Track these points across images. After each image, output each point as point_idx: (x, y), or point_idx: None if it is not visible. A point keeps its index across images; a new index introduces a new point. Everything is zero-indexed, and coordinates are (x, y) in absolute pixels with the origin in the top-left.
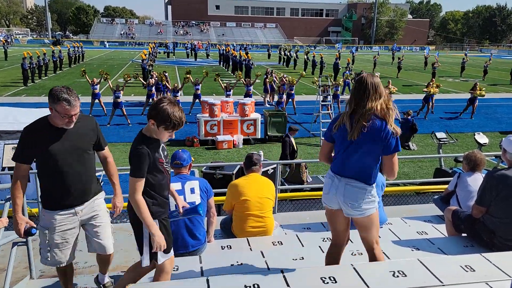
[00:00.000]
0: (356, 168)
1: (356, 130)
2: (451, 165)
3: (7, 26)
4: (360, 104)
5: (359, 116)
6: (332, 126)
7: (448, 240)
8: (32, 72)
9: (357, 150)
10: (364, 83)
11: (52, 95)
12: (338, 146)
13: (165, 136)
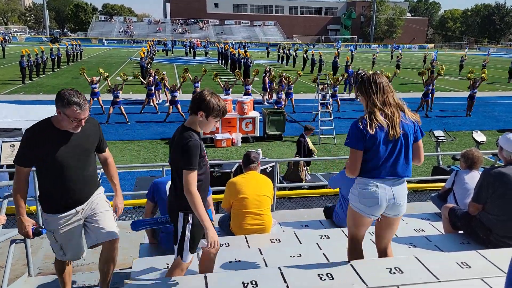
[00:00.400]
0: (405, 166)
1: (397, 126)
2: (449, 163)
3: (5, 23)
4: (380, 101)
5: (389, 113)
6: (362, 133)
7: (445, 237)
8: (30, 70)
9: (402, 147)
10: (379, 81)
11: (62, 99)
12: (376, 151)
13: (211, 126)
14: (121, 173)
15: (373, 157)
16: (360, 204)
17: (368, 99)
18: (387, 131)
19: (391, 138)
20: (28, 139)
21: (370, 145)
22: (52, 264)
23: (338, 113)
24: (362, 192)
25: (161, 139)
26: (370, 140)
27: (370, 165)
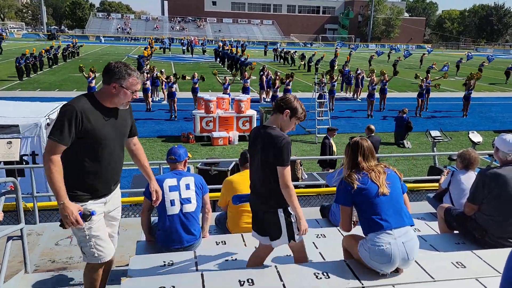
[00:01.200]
0: (407, 214)
1: (385, 186)
2: (445, 163)
3: (2, 20)
4: (365, 167)
5: (375, 174)
6: (347, 189)
7: (440, 237)
8: (26, 67)
9: (396, 197)
10: (364, 146)
11: (119, 70)
12: (373, 203)
13: (291, 126)
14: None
15: (372, 209)
16: (371, 261)
17: (351, 161)
18: (376, 187)
19: (381, 195)
20: (74, 114)
21: (361, 199)
22: (49, 261)
23: (332, 112)
24: (374, 249)
25: (158, 137)
26: (359, 194)
27: (372, 221)
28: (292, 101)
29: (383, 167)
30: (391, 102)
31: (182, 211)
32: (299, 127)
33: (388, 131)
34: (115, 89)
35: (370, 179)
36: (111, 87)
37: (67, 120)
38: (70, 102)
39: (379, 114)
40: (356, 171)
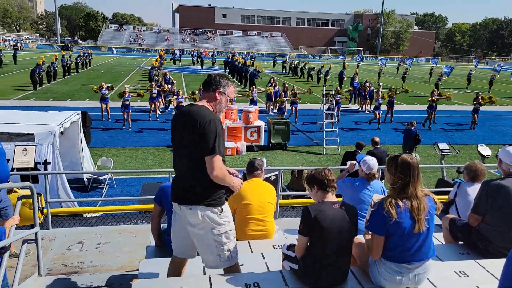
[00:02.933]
0: (430, 247)
1: (423, 221)
2: (453, 176)
3: (17, 31)
4: (409, 192)
5: (416, 206)
6: (384, 218)
7: (445, 247)
8: (40, 78)
9: (427, 232)
10: (415, 168)
11: (222, 79)
12: (402, 238)
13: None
14: (128, 179)
15: (399, 244)
16: (380, 279)
17: (399, 184)
18: (413, 222)
19: (416, 232)
20: (218, 126)
21: (394, 230)
22: (61, 265)
23: (339, 123)
24: (386, 275)
25: (167, 146)
26: (394, 226)
27: (397, 252)
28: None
29: (425, 195)
30: (399, 115)
31: None
32: (306, 138)
33: (395, 144)
34: (219, 96)
35: (409, 211)
36: (215, 94)
37: (218, 133)
38: (212, 116)
39: (386, 126)
40: (399, 197)
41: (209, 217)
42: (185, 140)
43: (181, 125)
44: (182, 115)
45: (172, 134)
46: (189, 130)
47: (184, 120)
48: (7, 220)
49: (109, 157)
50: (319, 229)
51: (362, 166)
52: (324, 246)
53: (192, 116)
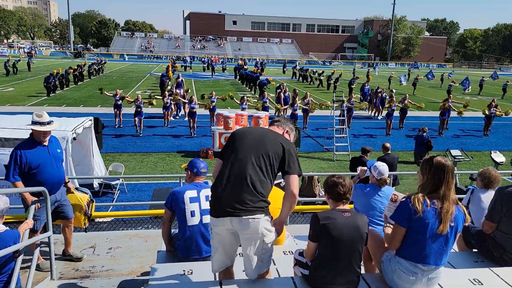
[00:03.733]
0: (446, 255)
1: (447, 222)
2: (466, 183)
3: (32, 38)
4: (441, 193)
5: (445, 208)
6: (410, 211)
7: (458, 255)
8: (54, 85)
9: (448, 238)
10: (451, 171)
11: (291, 123)
12: (423, 238)
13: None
14: (139, 184)
15: (419, 242)
16: (392, 278)
17: (432, 184)
18: (438, 222)
19: (439, 233)
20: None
21: (416, 226)
22: (73, 269)
23: (349, 129)
24: (399, 273)
25: (177, 152)
26: (417, 221)
27: (415, 250)
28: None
29: (456, 202)
30: (411, 121)
31: (202, 222)
32: (317, 144)
33: (407, 150)
34: (287, 134)
35: (436, 211)
36: (284, 132)
37: (297, 157)
38: (290, 143)
39: (397, 132)
40: (428, 196)
41: (265, 226)
42: (260, 155)
43: (258, 141)
44: (260, 133)
45: (233, 147)
46: (272, 147)
47: (264, 137)
48: (21, 224)
49: (121, 163)
50: (328, 236)
51: (373, 171)
52: (334, 253)
53: (277, 135)
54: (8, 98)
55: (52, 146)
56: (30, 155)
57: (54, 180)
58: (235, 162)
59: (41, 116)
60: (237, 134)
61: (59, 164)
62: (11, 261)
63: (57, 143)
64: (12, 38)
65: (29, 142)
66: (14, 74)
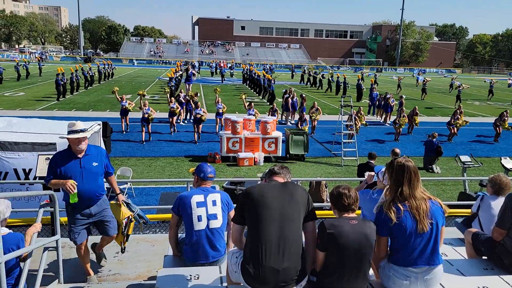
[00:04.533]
0: (436, 253)
1: (425, 220)
2: (476, 190)
3: (43, 43)
4: (406, 193)
5: (415, 206)
6: (385, 221)
7: (467, 262)
8: (64, 88)
9: (432, 235)
10: (410, 170)
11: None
12: (407, 241)
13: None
14: (147, 188)
15: (404, 246)
16: (389, 284)
17: (395, 187)
18: (415, 223)
19: (420, 232)
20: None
21: (398, 232)
22: (81, 273)
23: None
24: (394, 279)
25: (185, 157)
26: (396, 228)
27: (402, 254)
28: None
29: (427, 197)
30: (420, 126)
31: (209, 226)
32: (324, 149)
33: (416, 155)
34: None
35: (410, 212)
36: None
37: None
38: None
39: (406, 137)
40: (398, 200)
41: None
42: (290, 213)
43: (282, 199)
44: (283, 190)
45: (262, 210)
46: (300, 202)
47: (288, 193)
48: (30, 228)
49: (129, 167)
50: (335, 244)
51: (380, 177)
52: (341, 261)
53: (298, 188)
54: (18, 102)
55: (87, 159)
56: (62, 165)
57: (84, 194)
58: (268, 230)
59: (73, 124)
60: (255, 197)
61: (91, 178)
62: (17, 264)
63: (97, 156)
64: (24, 43)
65: (65, 152)
66: (25, 79)
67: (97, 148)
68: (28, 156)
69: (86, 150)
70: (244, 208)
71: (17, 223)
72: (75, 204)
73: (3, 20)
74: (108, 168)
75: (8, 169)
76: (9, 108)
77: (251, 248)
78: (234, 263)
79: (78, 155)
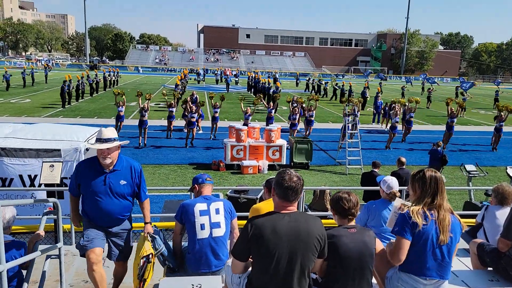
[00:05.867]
0: (448, 268)
1: (447, 232)
2: (481, 199)
3: (49, 51)
4: (437, 204)
5: (442, 217)
6: (411, 224)
7: (472, 273)
8: (69, 95)
9: (449, 249)
10: (442, 181)
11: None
12: (424, 250)
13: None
14: (150, 196)
15: (421, 254)
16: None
17: (424, 196)
18: (438, 234)
19: (441, 244)
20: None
21: (418, 238)
22: (82, 281)
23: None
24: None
25: (189, 164)
26: (418, 235)
27: (417, 263)
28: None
29: (450, 211)
30: (423, 135)
31: (212, 235)
32: (329, 157)
33: (420, 164)
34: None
35: (436, 221)
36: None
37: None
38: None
39: (409, 145)
40: (426, 208)
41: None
42: (302, 256)
43: (297, 241)
44: (295, 225)
45: (271, 249)
46: (313, 243)
47: (302, 234)
48: (33, 235)
49: None
50: (334, 254)
51: (382, 186)
52: (342, 270)
53: (312, 223)
54: (24, 109)
55: (115, 175)
56: (85, 177)
57: (104, 214)
58: (277, 268)
59: (101, 132)
60: (263, 237)
61: (116, 198)
62: (19, 272)
63: (129, 173)
64: (30, 51)
65: (92, 161)
66: (31, 86)
67: (130, 163)
68: (33, 162)
69: (115, 164)
70: (251, 245)
71: (20, 230)
72: (92, 218)
73: (11, 27)
74: (140, 190)
75: (13, 175)
76: (15, 114)
77: (258, 277)
78: (237, 283)
79: (105, 169)
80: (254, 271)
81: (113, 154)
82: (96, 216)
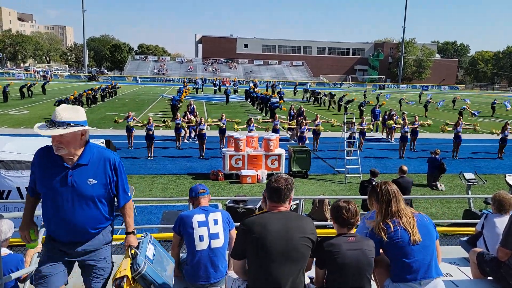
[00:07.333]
0: (436, 265)
1: (416, 232)
2: (481, 207)
3: (48, 62)
4: (394, 210)
5: (405, 220)
6: (377, 241)
7: (472, 282)
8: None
9: (427, 247)
10: (391, 190)
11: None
12: (404, 255)
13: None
14: (149, 207)
15: (403, 262)
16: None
17: (382, 208)
18: (408, 236)
19: (414, 244)
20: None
21: (392, 248)
22: None
23: (361, 152)
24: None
25: (187, 174)
26: (390, 244)
27: (401, 270)
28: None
29: (412, 212)
30: (423, 143)
31: (211, 246)
32: (327, 166)
33: (420, 172)
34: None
35: (402, 225)
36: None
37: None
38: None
39: (409, 154)
40: (387, 218)
41: None
42: (295, 253)
43: (288, 238)
44: (287, 223)
45: (265, 247)
46: (305, 241)
47: (293, 231)
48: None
49: (131, 185)
50: (333, 262)
51: None
52: (340, 279)
53: (303, 222)
54: (22, 120)
55: (80, 172)
56: (41, 169)
57: (63, 223)
58: (272, 267)
59: (55, 112)
60: (254, 234)
61: (83, 203)
62: (16, 286)
63: (100, 168)
64: (29, 62)
65: (49, 150)
66: (29, 97)
67: (103, 155)
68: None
69: (80, 157)
70: (246, 245)
71: (17, 243)
72: (52, 231)
73: (9, 39)
74: (119, 191)
75: (11, 187)
76: (13, 126)
77: (253, 276)
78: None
79: (66, 162)
80: (249, 271)
81: (69, 143)
82: (57, 229)
